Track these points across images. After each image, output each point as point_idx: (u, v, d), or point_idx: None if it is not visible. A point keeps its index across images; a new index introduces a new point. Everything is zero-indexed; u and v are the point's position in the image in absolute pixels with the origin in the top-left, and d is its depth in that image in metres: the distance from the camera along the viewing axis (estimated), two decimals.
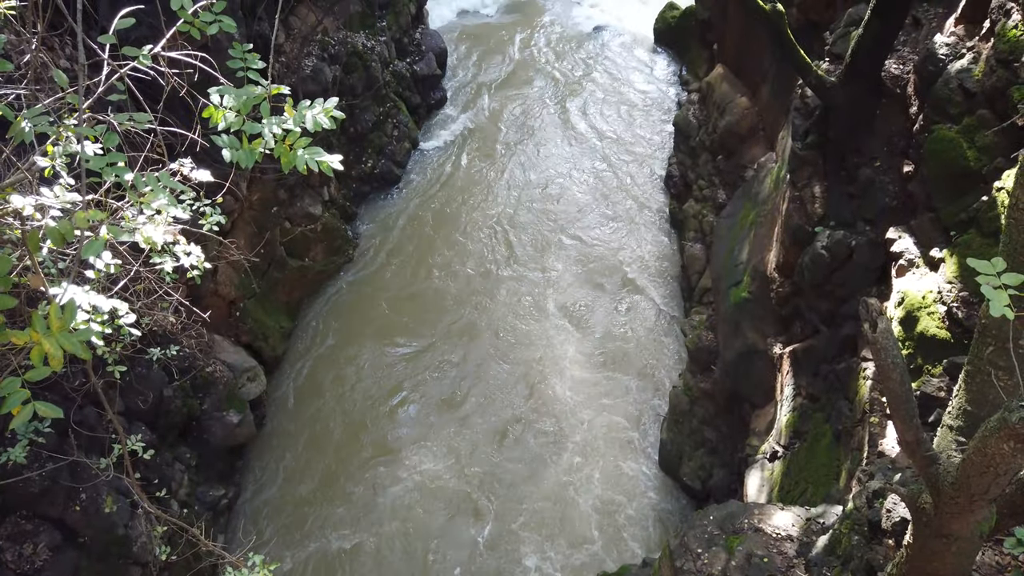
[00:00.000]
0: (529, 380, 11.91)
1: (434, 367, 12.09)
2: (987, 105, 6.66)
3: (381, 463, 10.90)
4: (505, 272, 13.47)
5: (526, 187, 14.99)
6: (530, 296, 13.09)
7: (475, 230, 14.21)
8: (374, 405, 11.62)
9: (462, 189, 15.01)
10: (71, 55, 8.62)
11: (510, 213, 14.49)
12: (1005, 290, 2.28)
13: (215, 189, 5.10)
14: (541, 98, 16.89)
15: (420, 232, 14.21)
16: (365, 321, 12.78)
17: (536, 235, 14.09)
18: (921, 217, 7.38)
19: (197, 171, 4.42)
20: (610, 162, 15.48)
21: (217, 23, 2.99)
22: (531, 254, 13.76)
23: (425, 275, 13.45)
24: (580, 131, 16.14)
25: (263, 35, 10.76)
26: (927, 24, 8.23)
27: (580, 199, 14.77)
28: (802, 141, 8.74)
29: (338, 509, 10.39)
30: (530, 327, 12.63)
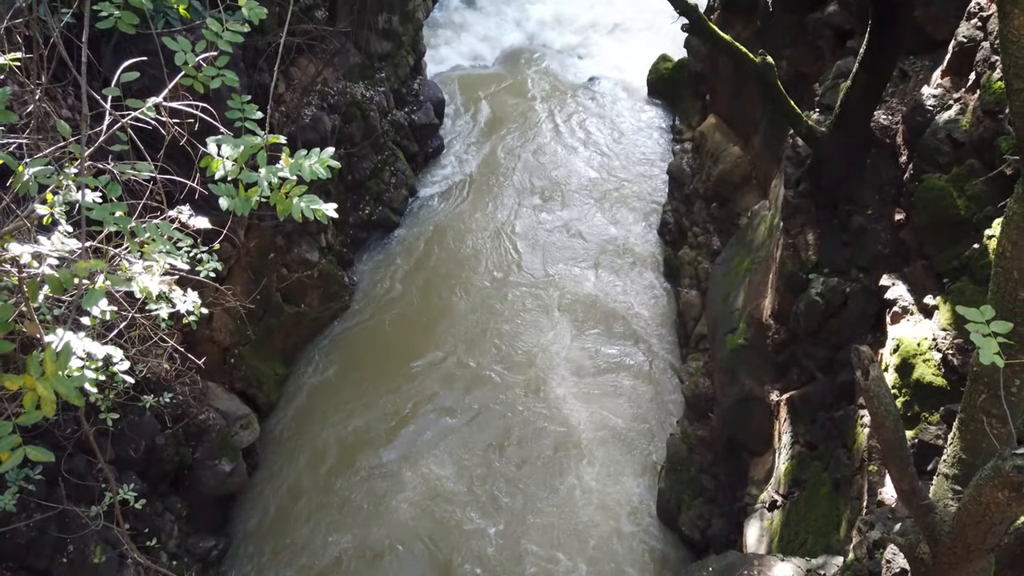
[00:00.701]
0: (523, 425, 11.82)
1: (428, 418, 12.00)
2: (975, 155, 6.78)
3: (371, 516, 10.74)
4: (500, 319, 13.47)
5: (521, 235, 15.10)
6: (524, 342, 13.08)
7: (470, 277, 14.26)
8: (366, 453, 11.50)
9: (458, 237, 15.10)
10: (73, 105, 8.75)
11: (505, 260, 14.56)
12: (995, 338, 2.30)
13: (213, 236, 5.14)
14: (536, 147, 17.13)
15: (416, 279, 14.25)
16: (360, 368, 12.72)
17: (532, 283, 14.13)
18: (914, 264, 7.44)
19: (195, 218, 4.47)
20: (605, 209, 15.63)
21: (220, 77, 3.06)
22: (527, 302, 13.78)
23: (420, 322, 13.45)
24: (575, 179, 16.33)
25: (263, 85, 10.96)
26: (914, 76, 8.43)
27: (576, 246, 14.86)
28: (794, 189, 8.86)
29: (330, 559, 10.21)
30: (526, 375, 12.59)
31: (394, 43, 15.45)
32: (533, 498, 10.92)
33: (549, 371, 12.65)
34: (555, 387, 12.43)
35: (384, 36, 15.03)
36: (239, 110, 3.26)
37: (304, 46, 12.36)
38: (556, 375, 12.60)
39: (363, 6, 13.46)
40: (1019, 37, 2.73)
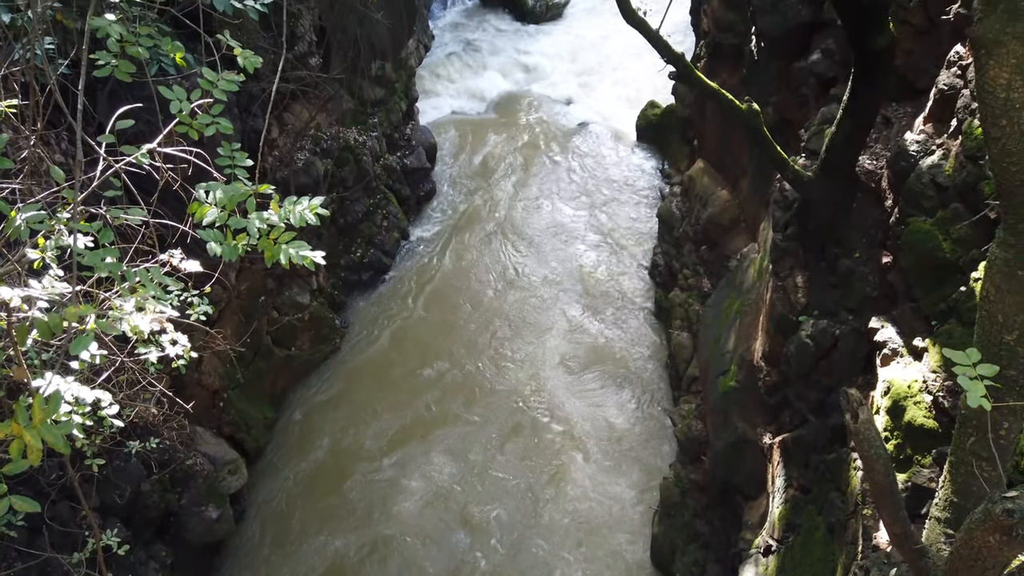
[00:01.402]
0: (516, 472, 11.70)
1: (416, 464, 11.87)
2: (959, 199, 6.88)
3: (360, 569, 10.55)
4: (491, 362, 13.43)
5: (513, 278, 15.15)
6: (515, 387, 13.02)
7: (462, 320, 14.25)
8: (355, 502, 11.34)
9: (449, 279, 15.14)
10: (66, 149, 8.80)
11: (497, 303, 14.58)
12: (981, 381, 2.32)
13: (204, 278, 5.14)
14: (527, 190, 17.29)
15: (407, 322, 14.23)
16: (350, 411, 12.62)
17: (524, 327, 14.13)
18: (902, 307, 7.49)
19: (187, 262, 4.47)
20: (596, 252, 15.73)
21: (214, 125, 3.11)
22: (518, 346, 13.76)
23: (411, 364, 13.39)
24: (566, 222, 16.46)
25: (257, 130, 11.06)
26: (897, 123, 8.60)
27: (567, 288, 14.91)
28: (782, 232, 8.95)
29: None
30: (518, 418, 12.51)
31: (387, 89, 15.68)
32: (524, 539, 10.77)
33: (540, 413, 12.58)
34: (546, 430, 12.34)
35: (377, 83, 15.26)
36: (229, 157, 3.30)
37: (298, 92, 12.53)
38: (547, 417, 12.53)
39: (356, 54, 13.69)
40: (995, 87, 2.81)
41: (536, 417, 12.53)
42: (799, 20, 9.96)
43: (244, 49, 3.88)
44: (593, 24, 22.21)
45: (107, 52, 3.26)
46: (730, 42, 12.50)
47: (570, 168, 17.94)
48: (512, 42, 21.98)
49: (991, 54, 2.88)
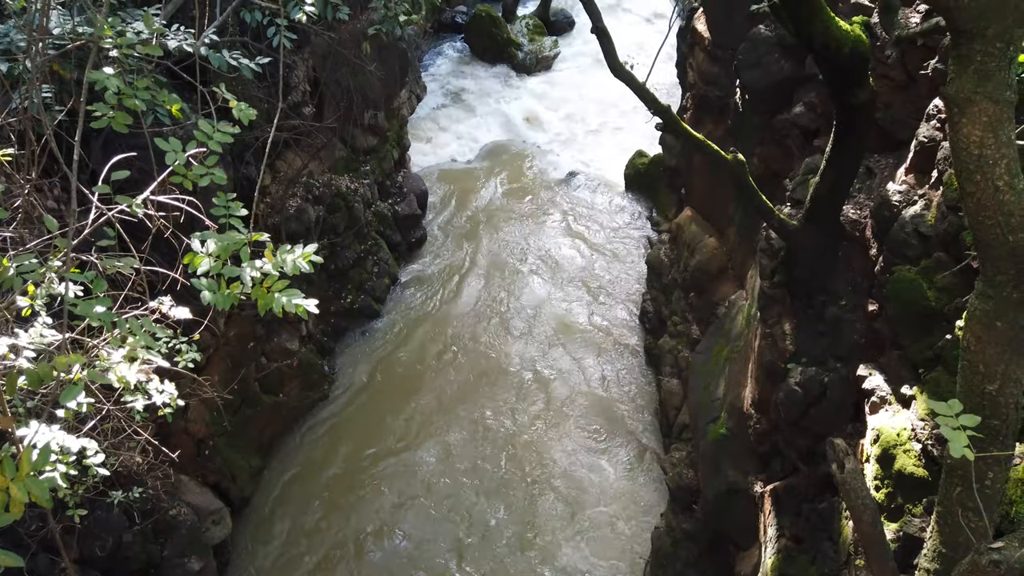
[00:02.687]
0: (507, 520, 11.54)
1: (406, 515, 11.71)
2: (942, 248, 6.99)
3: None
4: (480, 410, 13.36)
5: (503, 324, 15.16)
6: (504, 434, 12.93)
7: (452, 368, 14.21)
8: (343, 549, 11.13)
9: (440, 326, 15.14)
10: (59, 196, 8.84)
11: (487, 349, 14.56)
12: (964, 431, 2.34)
13: (193, 325, 5.14)
14: (517, 238, 17.43)
15: (397, 369, 14.18)
16: (338, 459, 12.47)
17: (514, 375, 14.10)
18: (889, 355, 7.54)
19: (176, 309, 4.48)
20: (586, 299, 15.79)
21: (209, 175, 3.16)
22: (507, 394, 13.71)
23: (400, 411, 13.29)
24: (556, 269, 16.55)
25: (250, 178, 11.16)
26: (879, 173, 8.77)
27: (556, 334, 14.92)
28: (770, 280, 9.04)
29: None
30: (507, 471, 12.39)
31: (379, 138, 15.89)
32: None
33: (529, 463, 12.47)
34: (534, 476, 12.22)
35: (370, 131, 15.47)
36: (224, 207, 3.34)
37: (291, 141, 12.68)
38: (538, 468, 12.41)
39: (349, 103, 13.90)
40: (968, 144, 2.90)
41: (525, 467, 12.42)
42: (782, 75, 10.22)
43: (239, 101, 3.96)
44: (582, 76, 22.67)
45: (104, 104, 3.32)
46: (715, 95, 12.79)
47: (560, 215, 18.12)
48: (502, 92, 22.38)
49: (964, 112, 2.97)
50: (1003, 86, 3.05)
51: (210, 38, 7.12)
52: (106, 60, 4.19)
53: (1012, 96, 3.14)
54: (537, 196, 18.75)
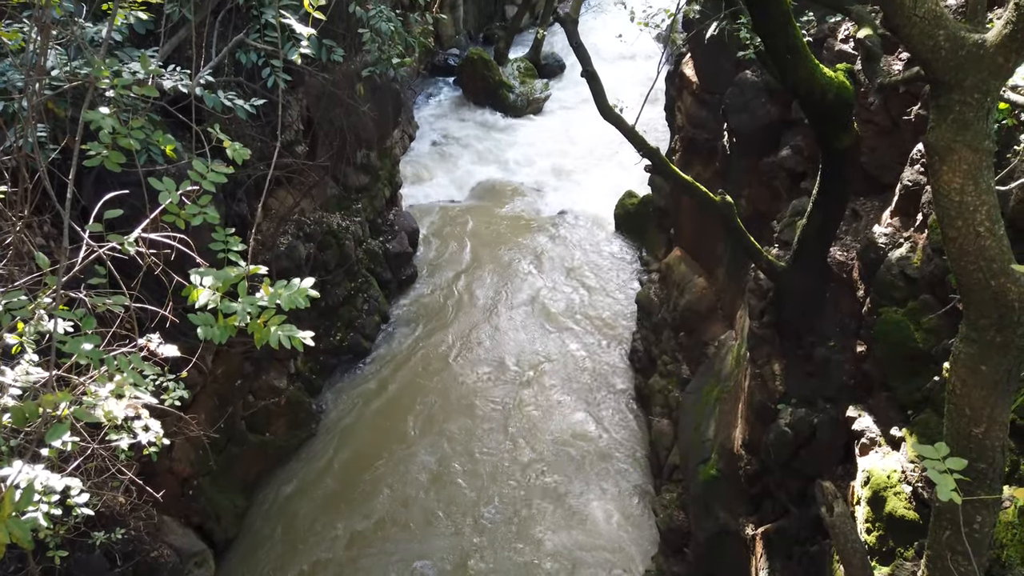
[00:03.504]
0: (492, 568, 11.37)
1: (390, 556, 11.52)
2: (928, 290, 7.07)
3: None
4: (468, 450, 13.24)
5: (493, 363, 15.12)
6: (495, 474, 12.81)
7: (441, 407, 14.12)
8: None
9: (429, 364, 15.08)
10: (48, 232, 8.83)
11: (476, 389, 14.50)
12: (951, 474, 2.35)
13: (181, 362, 5.11)
14: (508, 277, 17.49)
15: (385, 408, 14.07)
16: (324, 500, 12.29)
17: (503, 415, 14.02)
18: (878, 396, 7.56)
19: (165, 346, 4.46)
20: (577, 338, 15.79)
21: (202, 215, 3.18)
22: (497, 435, 13.62)
23: (387, 451, 13.16)
24: (546, 307, 16.58)
25: (241, 215, 11.19)
26: (865, 216, 8.90)
27: (547, 373, 14.88)
28: (759, 321, 9.09)
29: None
30: (497, 513, 12.25)
31: (371, 176, 16.01)
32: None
33: (519, 503, 12.33)
34: (522, 520, 12.07)
35: (362, 170, 15.59)
36: (223, 242, 3.36)
37: (283, 178, 12.75)
38: (525, 509, 12.27)
39: (342, 142, 14.03)
40: (949, 191, 2.97)
41: (515, 508, 12.27)
42: (768, 119, 10.41)
43: (233, 142, 4.00)
44: (572, 118, 23.01)
45: (99, 143, 3.35)
46: (703, 137, 12.99)
47: (550, 254, 18.21)
48: (494, 133, 22.66)
49: (944, 160, 3.05)
50: (982, 135, 3.13)
51: (205, 78, 7.21)
52: (102, 100, 4.24)
53: (990, 145, 3.22)
54: (528, 235, 18.87)
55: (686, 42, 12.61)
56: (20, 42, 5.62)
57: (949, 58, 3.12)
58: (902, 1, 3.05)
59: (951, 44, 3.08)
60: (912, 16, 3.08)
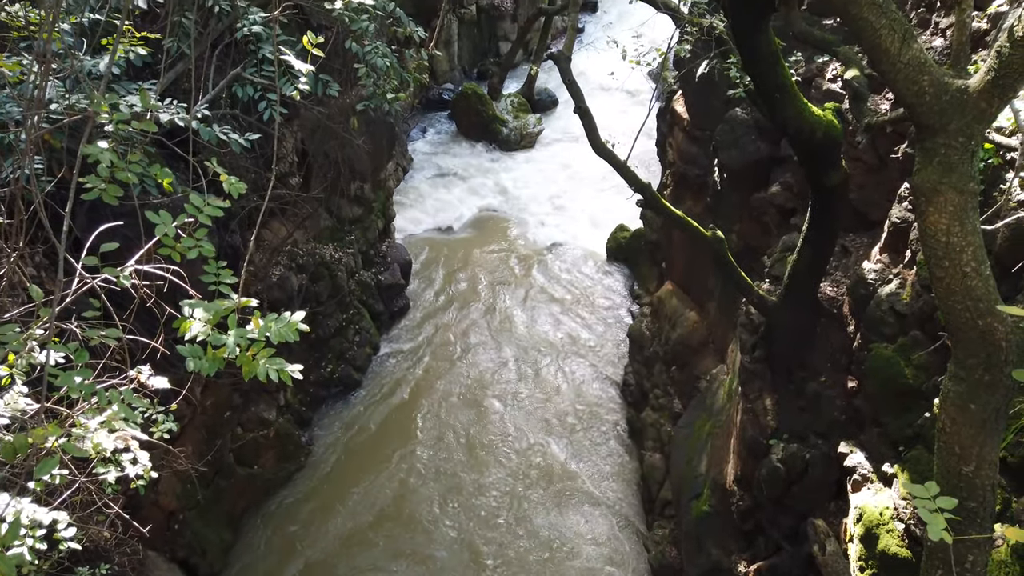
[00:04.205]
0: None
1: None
2: (918, 326, 7.12)
3: None
4: (458, 487, 13.13)
5: (483, 395, 15.06)
6: (485, 510, 12.68)
7: (431, 441, 14.02)
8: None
9: (420, 396, 15.00)
10: (40, 262, 8.80)
11: (467, 422, 14.41)
12: (941, 513, 2.36)
13: (169, 394, 5.07)
14: (500, 308, 17.49)
15: (375, 440, 13.96)
16: (313, 535, 12.13)
17: (493, 447, 13.93)
18: (870, 432, 7.57)
19: (154, 378, 4.44)
20: (568, 370, 15.76)
21: (197, 248, 3.19)
22: (488, 468, 13.51)
23: (377, 486, 13.03)
24: (538, 339, 16.57)
25: (234, 246, 11.21)
26: (854, 252, 8.99)
27: (538, 406, 14.83)
28: (750, 355, 9.12)
29: None
30: (486, 551, 12.11)
31: (365, 208, 16.08)
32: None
33: (506, 536, 12.19)
34: (513, 555, 11.93)
35: (355, 202, 15.66)
36: (215, 275, 3.37)
37: (277, 210, 12.79)
38: (512, 540, 12.13)
39: (336, 174, 14.12)
40: (936, 232, 3.02)
41: (504, 543, 12.13)
42: (758, 155, 10.55)
43: (229, 175, 4.03)
44: (565, 152, 23.23)
45: (96, 176, 3.38)
46: (694, 173, 13.14)
47: (542, 287, 18.26)
48: (487, 167, 22.84)
49: (930, 201, 3.11)
50: (967, 177, 3.20)
51: (202, 112, 7.28)
52: (100, 133, 4.27)
53: (975, 187, 3.29)
54: (520, 267, 18.93)
55: (677, 80, 12.81)
56: (19, 74, 5.68)
57: (934, 103, 3.20)
58: (887, 47, 3.14)
59: (935, 89, 3.17)
60: (897, 62, 3.17)
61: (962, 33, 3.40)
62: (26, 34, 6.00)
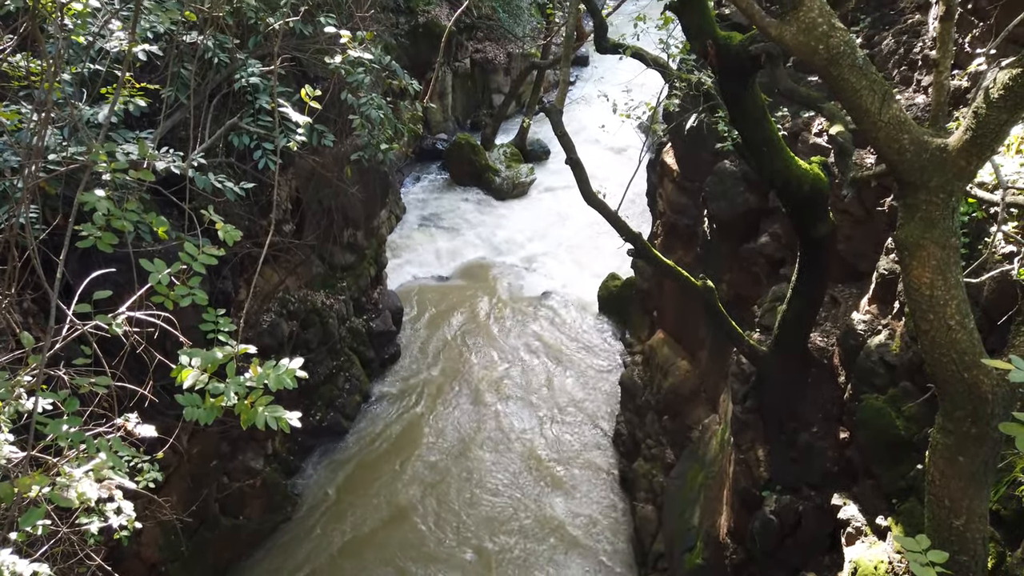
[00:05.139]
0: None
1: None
2: (908, 377, 7.14)
3: None
4: (449, 536, 12.91)
5: (473, 446, 14.92)
6: (476, 566, 12.45)
7: (419, 491, 13.83)
8: None
9: (409, 445, 14.85)
10: (28, 308, 8.76)
11: (457, 471, 14.25)
12: (933, 568, 2.35)
13: (156, 441, 5.02)
14: (491, 358, 17.45)
15: (364, 492, 13.76)
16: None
17: (482, 500, 13.75)
18: (862, 484, 7.53)
19: (142, 426, 4.40)
20: (560, 420, 15.66)
21: (191, 296, 3.21)
22: (477, 520, 13.32)
23: (365, 537, 12.80)
24: (528, 389, 16.50)
25: (226, 292, 11.20)
26: (843, 303, 9.06)
27: (529, 456, 14.68)
28: (742, 405, 9.10)
29: None
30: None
31: (357, 255, 16.15)
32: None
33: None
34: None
35: (348, 249, 15.73)
36: (213, 323, 3.38)
37: (269, 256, 12.83)
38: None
39: (330, 222, 14.21)
40: (920, 286, 3.08)
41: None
42: (747, 206, 10.70)
43: (225, 223, 4.07)
44: (556, 202, 23.48)
45: (91, 224, 3.40)
46: (684, 223, 13.29)
47: (534, 335, 18.25)
48: (480, 215, 23.03)
49: (913, 256, 3.17)
50: (948, 232, 3.27)
51: (198, 160, 7.36)
52: (97, 182, 4.32)
53: (957, 241, 3.36)
54: (512, 315, 18.94)
55: (666, 133, 13.05)
56: (17, 123, 5.75)
57: (914, 160, 3.29)
58: (868, 107, 3.24)
59: (915, 147, 3.26)
60: (878, 121, 3.27)
61: (940, 94, 3.51)
62: (26, 83, 6.10)
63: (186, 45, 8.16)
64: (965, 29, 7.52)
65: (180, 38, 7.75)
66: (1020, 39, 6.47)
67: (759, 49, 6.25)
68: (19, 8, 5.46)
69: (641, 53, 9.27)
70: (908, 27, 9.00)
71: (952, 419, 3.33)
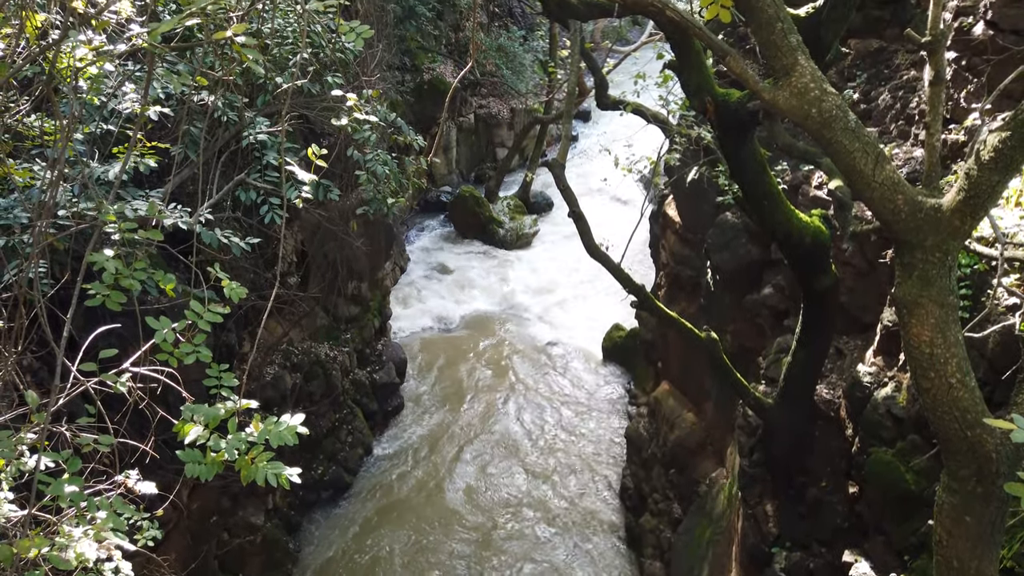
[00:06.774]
0: None
1: None
2: (916, 431, 7.06)
3: None
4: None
5: (478, 499, 14.72)
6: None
7: (424, 547, 13.60)
8: None
9: (412, 500, 14.65)
10: (29, 364, 8.74)
11: (460, 526, 14.02)
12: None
13: (155, 497, 4.97)
14: (496, 409, 17.33)
15: (363, 546, 13.54)
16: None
17: (488, 555, 13.50)
18: (873, 540, 7.39)
19: (143, 483, 4.37)
20: (565, 473, 15.47)
21: (195, 353, 3.23)
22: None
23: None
24: (534, 441, 16.34)
25: (229, 345, 11.21)
26: (849, 354, 9.02)
27: (534, 512, 14.46)
28: (749, 459, 9.00)
29: None
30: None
31: (361, 307, 16.20)
32: None
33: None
34: None
35: (352, 301, 15.80)
36: (216, 378, 3.40)
37: (274, 309, 12.88)
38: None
39: (334, 274, 14.30)
40: (919, 344, 3.09)
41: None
42: (749, 258, 10.75)
43: (228, 276, 4.12)
44: (560, 253, 23.62)
45: (100, 283, 3.45)
46: (687, 274, 13.34)
47: (538, 386, 18.16)
48: (484, 266, 23.17)
49: (912, 314, 3.19)
50: (946, 291, 3.30)
51: (205, 216, 7.45)
52: (106, 241, 4.38)
53: (955, 300, 3.38)
54: (516, 366, 18.88)
55: (668, 185, 13.20)
56: (29, 179, 5.86)
57: (909, 220, 3.34)
58: (861, 169, 3.30)
59: (910, 208, 3.31)
60: (872, 182, 3.33)
61: (932, 155, 3.58)
62: (39, 143, 6.23)
63: (196, 105, 8.36)
64: (960, 85, 7.66)
65: (191, 99, 7.94)
66: (1014, 94, 6.59)
67: (757, 105, 6.38)
68: (36, 72, 5.63)
69: (641, 109, 9.46)
70: (904, 83, 9.18)
71: (957, 478, 3.29)
